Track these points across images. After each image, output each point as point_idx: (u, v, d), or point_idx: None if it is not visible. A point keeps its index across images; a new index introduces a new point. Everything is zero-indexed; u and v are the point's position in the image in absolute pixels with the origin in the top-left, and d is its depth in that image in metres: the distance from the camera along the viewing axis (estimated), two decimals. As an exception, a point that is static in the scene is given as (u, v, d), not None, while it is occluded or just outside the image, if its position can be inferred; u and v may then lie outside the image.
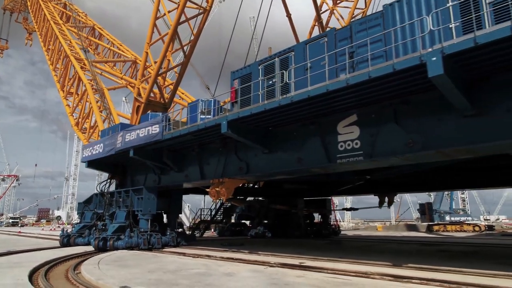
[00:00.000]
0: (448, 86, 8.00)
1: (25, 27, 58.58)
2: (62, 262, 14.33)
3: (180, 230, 22.69)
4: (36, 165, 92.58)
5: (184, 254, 16.13)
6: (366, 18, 10.32)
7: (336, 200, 57.92)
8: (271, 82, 12.20)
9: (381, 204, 25.06)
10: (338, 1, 29.47)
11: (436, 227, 36.05)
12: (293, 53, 11.79)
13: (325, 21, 29.69)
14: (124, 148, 17.98)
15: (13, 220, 72.36)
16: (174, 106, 37.11)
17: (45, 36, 42.61)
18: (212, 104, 15.26)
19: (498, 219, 75.79)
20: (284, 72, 11.54)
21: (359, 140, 11.15)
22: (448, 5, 8.30)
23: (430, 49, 7.81)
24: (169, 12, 20.89)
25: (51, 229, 46.75)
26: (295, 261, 12.64)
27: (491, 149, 9.36)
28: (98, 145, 20.39)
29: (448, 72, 7.72)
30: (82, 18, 46.36)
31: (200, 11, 20.15)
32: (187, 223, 41.50)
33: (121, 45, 42.79)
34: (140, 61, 25.45)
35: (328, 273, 10.25)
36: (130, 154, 17.51)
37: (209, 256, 15.03)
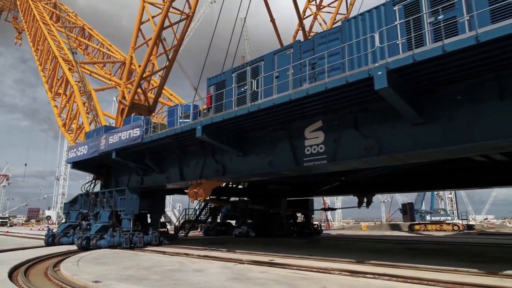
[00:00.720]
0: (394, 98, 8.78)
1: (14, 26, 58.36)
2: (44, 260, 14.84)
3: (164, 229, 23.29)
4: (26, 164, 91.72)
5: (163, 252, 16.75)
6: (326, 32, 11.10)
7: (328, 200, 58.98)
8: (243, 89, 12.91)
9: (360, 204, 25.88)
10: (321, 7, 30.36)
11: (417, 227, 37.13)
12: (263, 62, 12.52)
13: (309, 25, 30.59)
14: (107, 150, 18.53)
15: (1, 220, 72.11)
16: (162, 107, 37.69)
17: (34, 36, 42.68)
18: (191, 109, 15.92)
19: (486, 218, 77.59)
20: (253, 80, 12.26)
21: (324, 145, 11.90)
22: (395, 23, 9.09)
23: (377, 64, 8.58)
24: (153, 17, 21.47)
25: (39, 229, 46.86)
26: (266, 259, 13.35)
27: (438, 154, 10.18)
28: (83, 147, 20.90)
29: (393, 85, 8.49)
30: (72, 18, 46.49)
31: (183, 16, 20.77)
32: (176, 222, 41.99)
33: (110, 46, 43.03)
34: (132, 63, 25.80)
35: (291, 269, 10.99)
36: (113, 156, 18.08)
37: (187, 254, 15.68)
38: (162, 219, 58.47)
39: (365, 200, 25.79)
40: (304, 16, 30.31)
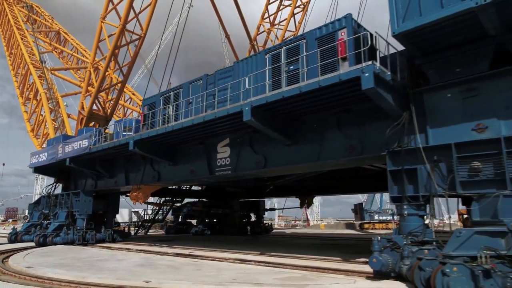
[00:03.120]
0: (260, 127, 11.57)
1: (-10, 27, 59.06)
2: (0, 255, 17.14)
3: (118, 228, 25.72)
4: (4, 164, 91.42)
5: (109, 247, 19.24)
6: (224, 69, 13.88)
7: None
8: (166, 111, 15.56)
9: (302, 204, 29.01)
10: (274, 24, 33.23)
11: (366, 225, 40.43)
12: (182, 89, 15.20)
13: (264, 40, 33.43)
14: (63, 158, 20.88)
15: (-24, 220, 72.70)
16: (131, 113, 39.88)
17: (8, 40, 43.81)
18: (134, 123, 18.44)
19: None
20: (169, 106, 14.95)
21: (230, 158, 14.65)
22: (265, 68, 11.89)
23: (246, 101, 11.33)
24: (109, 36, 23.80)
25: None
26: (187, 251, 16.01)
27: (304, 169, 13.03)
28: (43, 154, 23.14)
29: (257, 117, 11.26)
30: (48, 21, 47.76)
31: (136, 37, 23.21)
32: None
33: (85, 51, 44.64)
34: (102, 67, 27.84)
35: (196, 258, 13.70)
36: (67, 163, 20.45)
37: (128, 249, 18.22)
38: (135, 218, 60.25)
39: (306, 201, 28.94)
40: (259, 32, 33.20)
